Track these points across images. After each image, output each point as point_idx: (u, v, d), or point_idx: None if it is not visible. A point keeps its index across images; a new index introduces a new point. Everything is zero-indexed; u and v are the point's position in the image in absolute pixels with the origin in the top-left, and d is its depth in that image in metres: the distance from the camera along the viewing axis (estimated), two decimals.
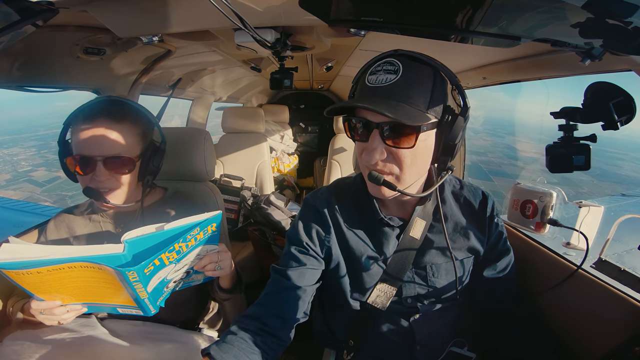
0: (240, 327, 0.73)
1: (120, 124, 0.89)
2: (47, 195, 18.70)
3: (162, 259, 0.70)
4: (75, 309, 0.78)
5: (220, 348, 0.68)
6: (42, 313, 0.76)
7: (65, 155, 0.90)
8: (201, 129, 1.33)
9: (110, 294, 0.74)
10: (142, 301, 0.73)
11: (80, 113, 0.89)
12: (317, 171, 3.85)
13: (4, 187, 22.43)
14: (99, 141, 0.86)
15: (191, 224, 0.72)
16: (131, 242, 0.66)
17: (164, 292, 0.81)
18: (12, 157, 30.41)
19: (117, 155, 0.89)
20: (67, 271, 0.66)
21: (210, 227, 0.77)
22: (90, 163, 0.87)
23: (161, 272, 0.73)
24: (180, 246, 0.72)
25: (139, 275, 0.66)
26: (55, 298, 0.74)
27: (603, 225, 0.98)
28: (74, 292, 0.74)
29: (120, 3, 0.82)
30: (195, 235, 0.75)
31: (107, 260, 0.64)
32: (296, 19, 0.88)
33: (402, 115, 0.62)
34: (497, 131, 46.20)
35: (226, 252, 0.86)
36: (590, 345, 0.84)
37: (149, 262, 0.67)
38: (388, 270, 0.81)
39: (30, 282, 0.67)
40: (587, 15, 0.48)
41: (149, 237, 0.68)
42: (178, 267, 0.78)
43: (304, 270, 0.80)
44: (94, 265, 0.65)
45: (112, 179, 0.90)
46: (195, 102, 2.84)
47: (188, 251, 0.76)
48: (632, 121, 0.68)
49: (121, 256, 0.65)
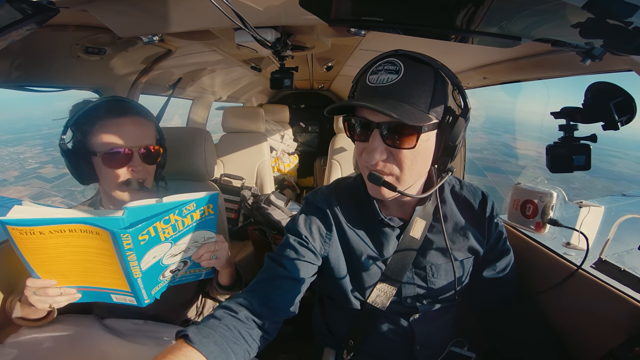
0: (226, 313, 0.69)
1: (142, 117, 0.93)
2: (57, 190, 18.79)
3: (157, 230, 0.72)
4: (69, 293, 0.76)
5: (200, 331, 0.63)
6: (35, 293, 0.74)
7: (86, 155, 0.88)
8: (201, 129, 1.33)
9: (105, 272, 0.74)
10: (135, 282, 0.73)
11: (96, 112, 0.88)
12: (317, 171, 3.85)
13: (14, 183, 22.54)
14: (134, 132, 0.89)
15: (188, 199, 0.75)
16: (130, 210, 0.68)
17: (160, 281, 0.81)
18: (19, 155, 30.48)
19: (149, 146, 0.92)
20: (67, 236, 0.67)
21: (207, 209, 0.78)
22: (126, 155, 0.88)
23: (156, 249, 0.74)
24: (175, 220, 0.74)
25: (133, 240, 0.67)
26: (51, 277, 0.74)
27: (603, 225, 0.98)
28: (70, 269, 0.74)
29: (120, 3, 0.82)
30: (192, 212, 0.76)
31: (106, 222, 0.65)
32: (296, 19, 0.88)
33: (403, 115, 0.62)
34: (494, 129, 46.10)
35: (223, 242, 0.87)
36: (590, 345, 0.84)
37: (144, 227, 0.69)
38: (388, 270, 0.81)
39: (31, 246, 0.68)
40: (588, 15, 0.48)
41: (148, 207, 0.71)
42: (174, 252, 0.79)
43: (300, 262, 0.78)
44: (92, 230, 0.66)
45: (144, 170, 0.93)
46: (195, 102, 2.84)
47: (184, 231, 0.77)
48: (632, 121, 0.68)
49: (120, 219, 0.66)
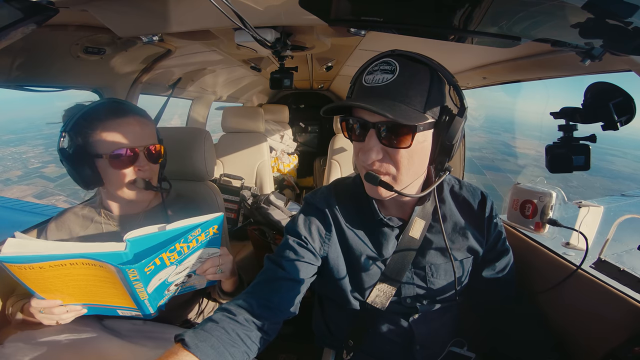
0: (224, 315, 0.68)
1: (143, 117, 0.93)
2: (60, 189, 18.80)
3: (163, 259, 0.70)
4: (74, 310, 0.78)
5: (196, 335, 0.62)
6: (41, 312, 0.76)
7: (89, 159, 0.86)
8: (201, 129, 1.33)
9: (110, 294, 0.74)
10: (142, 302, 0.73)
11: (96, 114, 0.87)
12: (317, 171, 3.85)
13: (17, 183, 22.55)
14: (137, 132, 0.89)
15: (193, 224, 0.72)
16: (133, 241, 0.66)
17: (165, 294, 0.80)
18: (21, 154, 30.48)
19: (153, 145, 0.92)
20: (68, 268, 0.66)
21: (212, 229, 0.76)
22: (132, 155, 0.88)
23: (162, 273, 0.73)
24: (181, 247, 0.72)
25: (139, 273, 0.66)
26: (56, 297, 0.74)
27: (603, 225, 0.98)
28: (75, 292, 0.74)
29: (120, 3, 0.82)
30: (197, 237, 0.74)
31: (109, 258, 0.64)
32: (296, 19, 0.88)
33: (398, 114, 0.62)
34: (493, 128, 46.10)
35: (227, 256, 0.86)
36: (590, 345, 0.84)
37: (150, 260, 0.67)
38: (387, 270, 0.81)
39: (31, 277, 0.67)
40: (587, 15, 0.48)
41: (150, 236, 0.68)
42: (179, 270, 0.78)
43: (300, 263, 0.78)
44: (95, 263, 0.65)
45: (150, 170, 0.93)
46: (195, 102, 2.84)
47: (189, 253, 0.76)
48: (632, 121, 0.68)
49: (123, 254, 0.65)
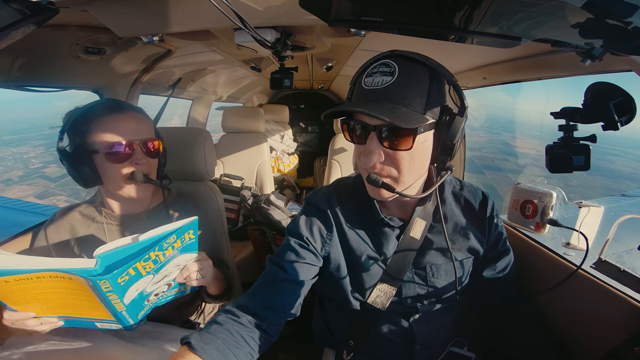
0: (228, 317, 0.70)
1: (140, 114, 0.94)
2: (61, 189, 18.80)
3: (137, 269, 0.67)
4: (49, 322, 0.74)
5: (202, 338, 0.64)
6: (13, 324, 0.72)
7: (87, 155, 0.87)
8: (201, 129, 1.33)
9: (85, 307, 0.71)
10: (119, 314, 0.71)
11: (93, 112, 0.88)
12: (317, 171, 3.85)
13: (18, 183, 22.52)
14: (133, 127, 0.90)
15: (166, 232, 0.69)
16: (104, 257, 0.62)
17: (145, 305, 0.78)
18: (22, 155, 30.45)
19: (149, 139, 0.93)
20: (35, 281, 0.63)
21: (188, 235, 0.75)
22: (128, 149, 0.88)
23: (138, 283, 0.70)
24: (156, 255, 0.70)
25: (112, 284, 0.63)
26: (28, 309, 0.71)
27: (603, 225, 0.98)
28: (48, 304, 0.70)
29: (120, 3, 0.82)
30: (172, 244, 0.72)
31: (77, 272, 0.61)
32: (296, 19, 0.88)
33: (398, 118, 0.62)
34: (493, 128, 46.10)
35: (206, 260, 0.85)
36: (590, 345, 0.84)
37: (123, 270, 0.64)
38: (388, 271, 0.81)
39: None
40: (587, 15, 0.48)
41: (122, 249, 0.65)
42: (157, 279, 0.76)
43: (301, 264, 0.78)
44: (64, 275, 0.62)
45: (148, 164, 0.93)
46: (195, 102, 2.84)
47: (166, 261, 0.74)
48: (632, 121, 0.68)
49: (92, 270, 0.61)
